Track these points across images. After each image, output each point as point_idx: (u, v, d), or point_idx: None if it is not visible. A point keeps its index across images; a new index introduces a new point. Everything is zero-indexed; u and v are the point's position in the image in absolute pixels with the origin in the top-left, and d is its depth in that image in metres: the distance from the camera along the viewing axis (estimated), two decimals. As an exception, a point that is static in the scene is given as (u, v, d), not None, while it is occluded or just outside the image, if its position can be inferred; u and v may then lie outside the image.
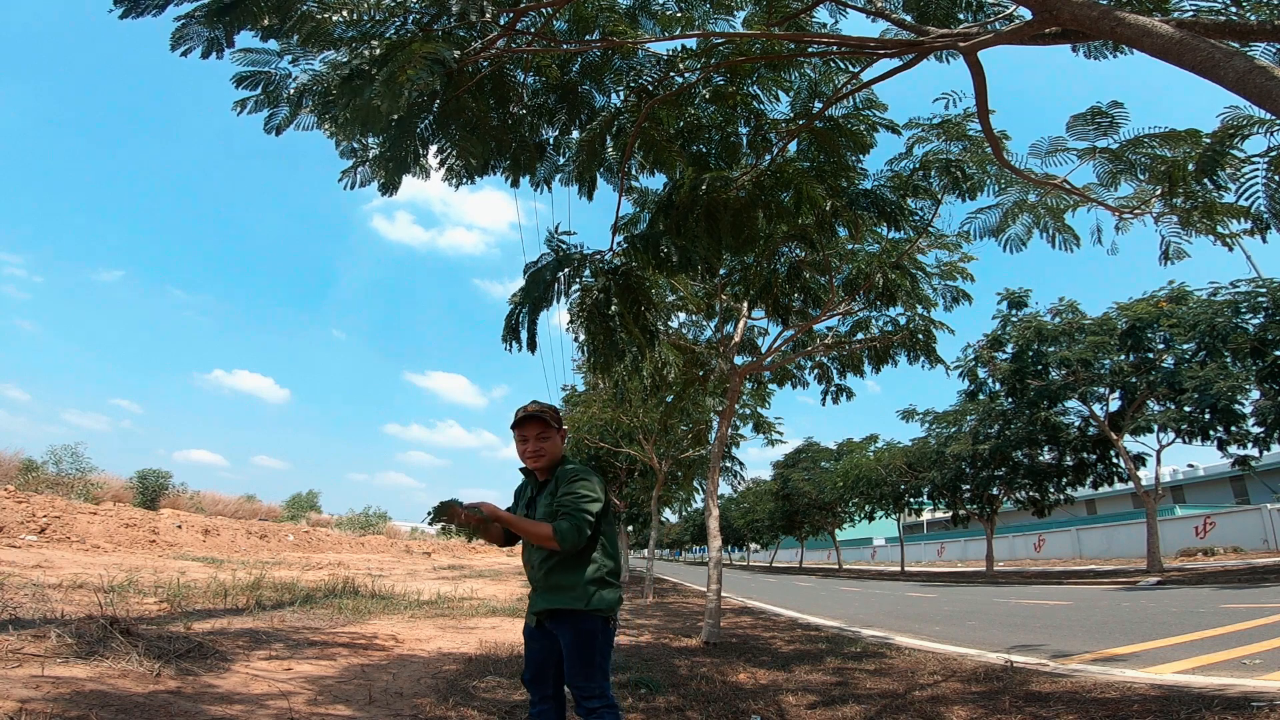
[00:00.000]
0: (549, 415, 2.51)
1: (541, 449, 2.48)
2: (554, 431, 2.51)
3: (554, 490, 2.41)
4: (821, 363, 9.40)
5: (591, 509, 2.33)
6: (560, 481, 2.42)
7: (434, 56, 2.81)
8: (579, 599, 2.29)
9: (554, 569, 2.34)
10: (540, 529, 2.25)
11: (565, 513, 2.30)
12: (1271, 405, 14.91)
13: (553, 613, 2.33)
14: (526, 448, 2.49)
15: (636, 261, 4.40)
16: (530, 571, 2.43)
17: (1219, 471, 29.93)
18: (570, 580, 2.32)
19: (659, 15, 4.23)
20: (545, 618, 2.36)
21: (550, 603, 2.32)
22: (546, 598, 2.34)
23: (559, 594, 2.32)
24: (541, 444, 2.48)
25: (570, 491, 2.35)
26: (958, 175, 5.30)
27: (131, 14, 3.11)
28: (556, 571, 2.33)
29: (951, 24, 3.98)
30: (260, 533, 26.50)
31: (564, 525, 2.25)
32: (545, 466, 2.50)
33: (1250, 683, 4.37)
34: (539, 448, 2.48)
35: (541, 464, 2.50)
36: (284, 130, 4.17)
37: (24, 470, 23.46)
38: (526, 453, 2.50)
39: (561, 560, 2.32)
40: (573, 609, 2.29)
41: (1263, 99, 2.22)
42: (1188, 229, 4.49)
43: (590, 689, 2.26)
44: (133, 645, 4.13)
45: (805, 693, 4.77)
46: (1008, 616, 10.23)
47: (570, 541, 2.24)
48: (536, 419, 2.47)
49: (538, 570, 2.38)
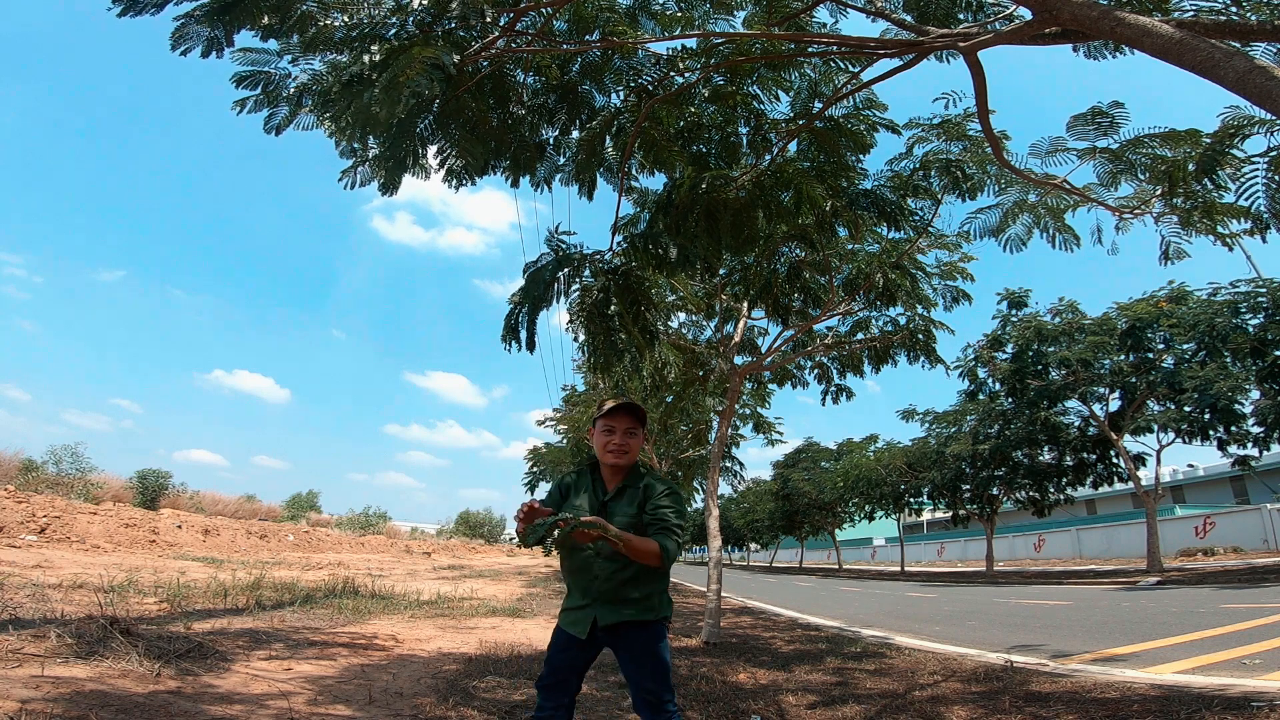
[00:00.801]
0: (641, 411, 2.32)
1: (628, 445, 2.27)
2: (642, 430, 2.33)
3: (638, 500, 2.22)
4: (821, 363, 9.40)
5: (686, 522, 2.24)
6: (649, 493, 2.23)
7: (433, 62, 2.81)
8: (650, 609, 2.20)
9: (630, 581, 2.16)
10: (648, 547, 2.07)
11: (665, 528, 2.15)
12: (1271, 405, 14.91)
13: (620, 625, 2.17)
14: (612, 440, 2.26)
15: (636, 261, 4.41)
16: (591, 582, 2.21)
17: (1219, 471, 29.94)
18: (644, 591, 2.19)
19: (659, 15, 4.24)
20: (608, 631, 2.18)
21: (621, 615, 2.16)
22: (617, 610, 2.17)
23: (631, 606, 2.17)
24: (629, 440, 2.28)
25: (667, 506, 2.20)
26: (958, 175, 5.30)
27: (130, 12, 3.11)
28: (634, 584, 2.17)
29: (951, 24, 3.98)
30: (260, 533, 26.49)
31: (671, 547, 2.12)
32: (625, 465, 2.29)
33: (1250, 683, 4.37)
34: (626, 444, 2.27)
35: (624, 462, 2.28)
36: (283, 130, 4.17)
37: (24, 470, 23.46)
38: (610, 446, 2.27)
39: (641, 572, 2.17)
40: (645, 620, 2.18)
41: (1263, 99, 2.22)
42: (1188, 229, 4.49)
43: (668, 695, 2.20)
44: (133, 645, 4.13)
45: (805, 693, 4.77)
46: (1008, 616, 10.23)
47: (670, 562, 2.13)
48: (631, 411, 2.28)
49: (606, 582, 2.18)
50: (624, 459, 2.27)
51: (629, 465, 2.29)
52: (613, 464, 2.27)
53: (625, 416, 2.28)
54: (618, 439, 2.26)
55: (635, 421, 2.29)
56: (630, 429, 2.28)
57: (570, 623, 2.24)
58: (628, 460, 2.28)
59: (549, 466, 20.70)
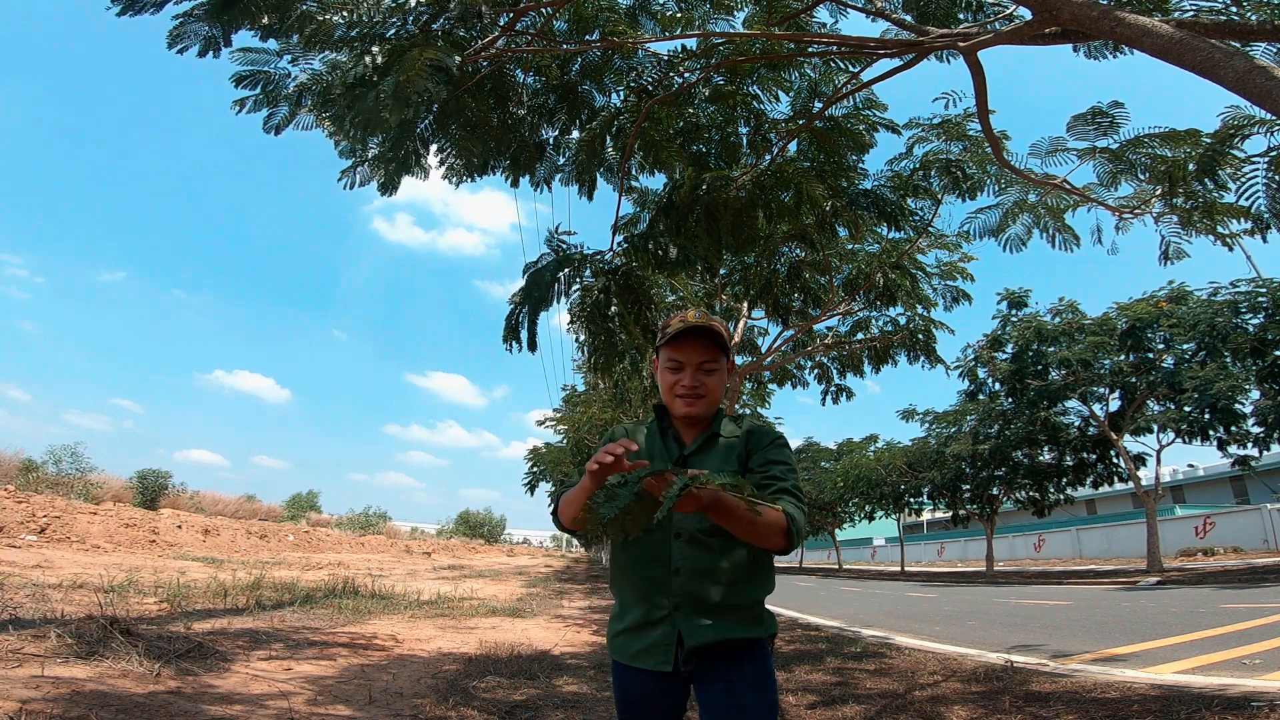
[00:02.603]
0: (721, 334, 1.58)
1: (705, 385, 1.57)
2: (724, 361, 1.61)
3: (737, 454, 1.54)
4: (821, 363, 9.40)
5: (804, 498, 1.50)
6: (754, 442, 1.56)
7: (436, 63, 2.81)
8: (758, 620, 1.48)
9: (733, 576, 1.45)
10: (770, 517, 1.30)
11: (785, 490, 1.42)
12: (1271, 405, 14.92)
13: (718, 646, 1.42)
14: (681, 379, 1.57)
15: (636, 261, 4.41)
16: (668, 579, 1.46)
17: (1219, 471, 29.93)
18: (751, 596, 1.48)
19: (659, 15, 4.24)
20: (699, 656, 1.42)
21: (724, 632, 1.42)
22: (718, 624, 1.42)
23: (735, 618, 1.44)
24: (706, 377, 1.57)
25: (782, 462, 1.50)
26: (958, 175, 5.30)
27: (129, 11, 3.11)
28: (739, 581, 1.46)
29: (951, 24, 3.98)
30: (260, 533, 26.49)
31: (799, 517, 1.36)
32: (703, 412, 1.59)
33: (1250, 683, 4.37)
34: (701, 382, 1.56)
35: (697, 411, 1.57)
36: (283, 130, 4.17)
37: (24, 470, 23.47)
38: (679, 386, 1.57)
39: (750, 562, 1.46)
40: (753, 637, 1.45)
41: (1263, 99, 2.22)
42: (1188, 229, 4.49)
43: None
44: (133, 645, 4.13)
45: (805, 692, 4.77)
46: (1008, 616, 10.23)
47: (800, 539, 1.38)
48: (704, 335, 1.56)
49: (693, 578, 1.44)
50: (698, 407, 1.57)
51: (707, 415, 1.60)
52: (683, 414, 1.58)
53: (697, 343, 1.55)
54: (689, 377, 1.56)
55: (714, 350, 1.57)
56: (707, 363, 1.57)
57: (638, 651, 1.46)
58: (704, 409, 1.58)
59: (549, 466, 20.68)
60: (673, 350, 1.58)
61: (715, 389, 1.59)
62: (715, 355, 1.57)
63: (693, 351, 1.56)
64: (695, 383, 1.56)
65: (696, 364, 1.56)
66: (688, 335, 1.56)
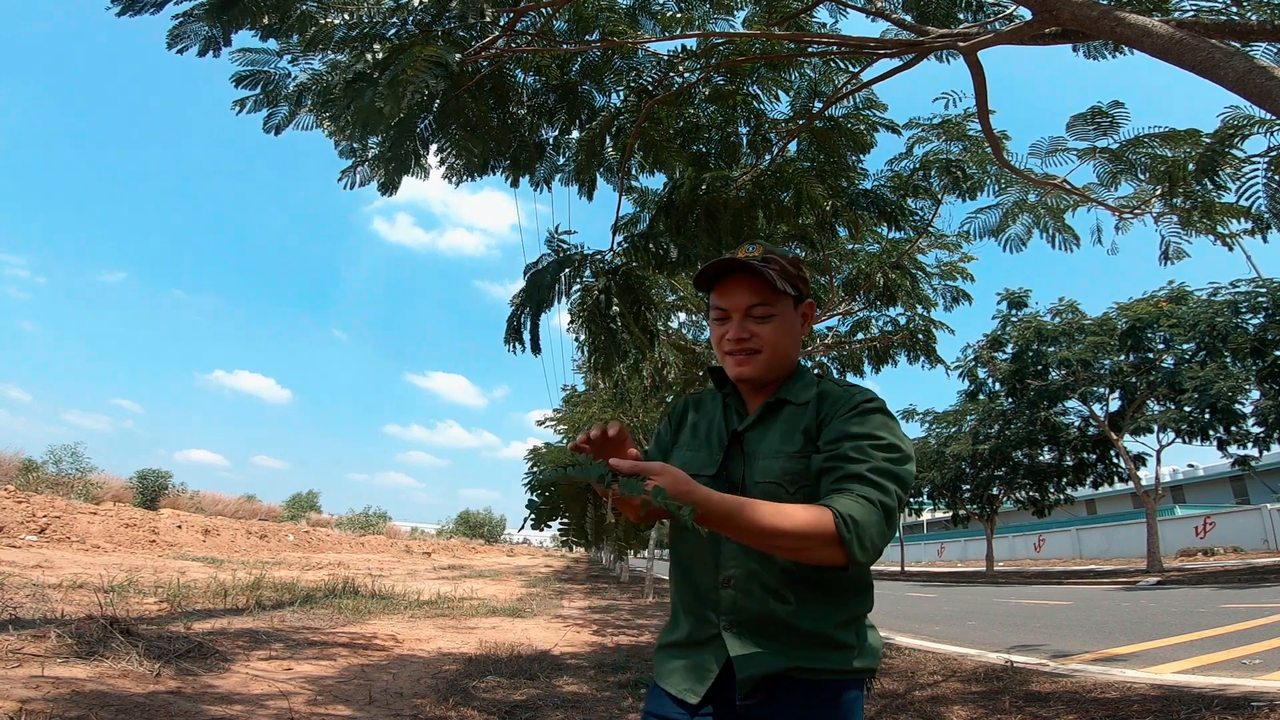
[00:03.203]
0: (780, 267, 1.20)
1: (758, 336, 1.19)
2: (786, 303, 1.21)
3: (804, 425, 1.14)
4: (821, 363, 9.40)
5: (908, 478, 1.07)
6: (828, 408, 1.14)
7: (437, 59, 2.81)
8: (843, 650, 1.09)
9: (811, 597, 1.09)
10: (791, 521, 0.95)
11: (850, 479, 1.02)
12: (1271, 405, 14.92)
13: (778, 680, 1.07)
14: (726, 331, 1.22)
15: (637, 261, 4.41)
16: (715, 587, 1.13)
17: (1219, 471, 29.93)
18: (830, 617, 1.09)
19: (659, 15, 4.23)
20: (754, 690, 1.07)
21: (788, 660, 1.07)
22: (781, 651, 1.07)
23: (805, 643, 1.08)
24: (759, 326, 1.19)
25: (862, 436, 1.07)
26: (958, 175, 5.30)
27: (129, 11, 3.10)
28: (814, 602, 1.09)
29: (951, 24, 3.98)
30: (260, 533, 26.48)
31: (862, 516, 0.97)
32: (761, 373, 1.20)
33: (1250, 683, 4.37)
34: (752, 333, 1.19)
35: (753, 369, 1.20)
36: (283, 130, 4.17)
37: (24, 470, 23.47)
38: (725, 341, 1.22)
39: (833, 578, 1.09)
40: (833, 670, 1.08)
41: (1263, 99, 2.22)
42: (1188, 229, 4.49)
43: None
44: (133, 645, 4.13)
45: (805, 693, 4.77)
46: (1008, 616, 10.23)
47: (874, 551, 0.98)
48: (750, 273, 1.18)
49: (755, 595, 1.10)
50: (751, 366, 1.19)
51: (771, 376, 1.21)
52: (735, 376, 1.23)
53: (744, 284, 1.19)
54: (734, 328, 1.20)
55: (766, 290, 1.18)
56: (757, 307, 1.18)
57: (670, 670, 1.15)
58: (762, 368, 1.19)
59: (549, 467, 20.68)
60: (715, 296, 1.23)
61: (776, 341, 1.18)
62: (769, 297, 1.17)
63: (738, 294, 1.19)
64: (743, 334, 1.18)
65: (744, 309, 1.18)
66: (726, 274, 1.19)
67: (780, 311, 1.21)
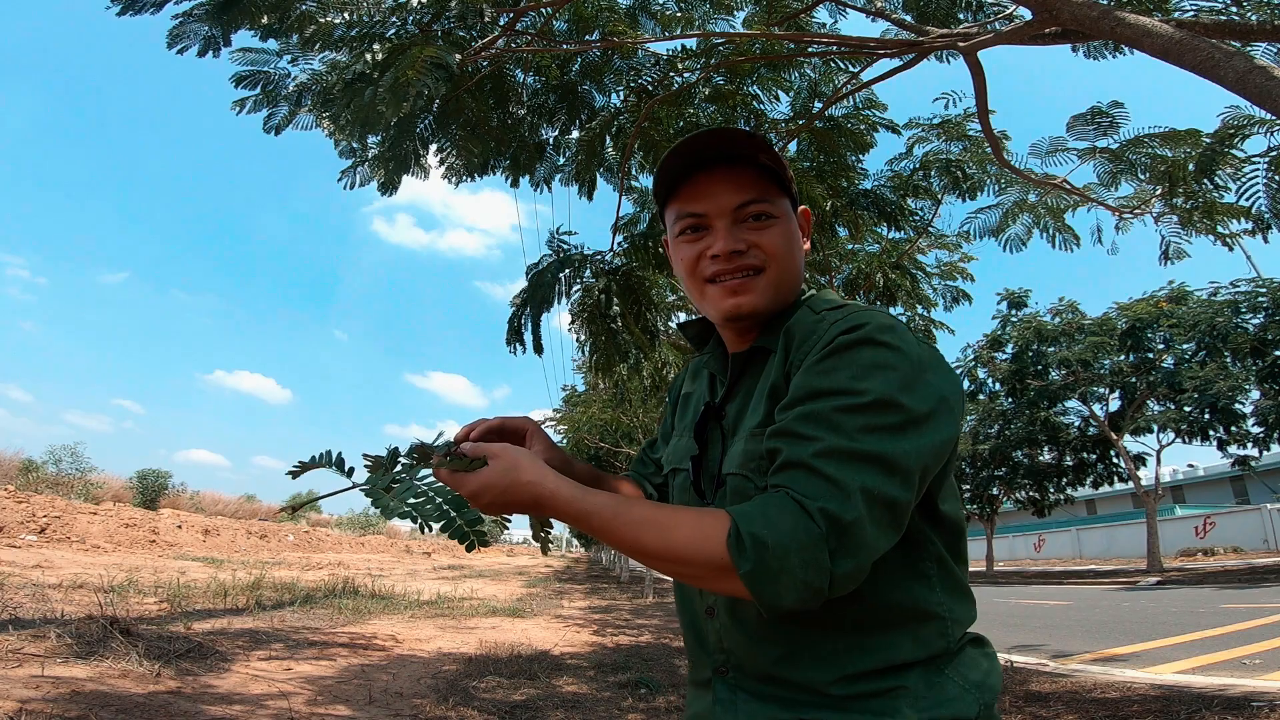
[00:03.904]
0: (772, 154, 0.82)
1: (758, 246, 0.82)
2: (786, 204, 0.84)
3: (774, 385, 0.78)
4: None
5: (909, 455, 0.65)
6: (796, 356, 0.76)
7: (436, 61, 2.81)
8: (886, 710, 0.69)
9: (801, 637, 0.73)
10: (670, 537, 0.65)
11: (794, 468, 0.65)
12: (1272, 405, 14.93)
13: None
14: (707, 246, 0.83)
15: (637, 261, 4.41)
16: (705, 626, 0.83)
17: (1219, 471, 29.94)
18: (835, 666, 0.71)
19: (659, 15, 4.24)
20: None
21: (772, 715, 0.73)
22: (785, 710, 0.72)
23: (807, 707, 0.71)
24: (759, 234, 0.81)
25: (827, 393, 0.68)
26: (958, 175, 5.30)
27: (129, 11, 3.11)
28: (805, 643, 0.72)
29: (951, 24, 3.98)
30: (260, 533, 26.48)
31: (789, 529, 0.61)
32: (768, 302, 0.83)
33: (1250, 683, 4.37)
34: (750, 244, 0.81)
35: (755, 297, 0.82)
36: (283, 130, 4.17)
37: (24, 470, 23.47)
38: (706, 261, 0.83)
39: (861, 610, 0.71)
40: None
41: (1263, 99, 2.22)
42: (1188, 229, 4.49)
43: None
44: (133, 645, 4.13)
45: (805, 693, 4.77)
46: (1008, 616, 10.23)
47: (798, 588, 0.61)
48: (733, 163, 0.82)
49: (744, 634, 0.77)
50: (753, 294, 0.82)
51: (775, 303, 0.84)
52: (729, 312, 0.83)
53: (726, 179, 0.81)
54: (721, 239, 0.81)
55: (761, 185, 0.82)
56: (753, 204, 0.81)
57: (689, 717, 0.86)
58: (765, 294, 0.82)
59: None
60: (681, 201, 0.83)
61: (784, 253, 0.81)
62: (767, 191, 0.81)
63: (720, 192, 0.80)
64: (738, 244, 0.79)
65: (730, 212, 0.80)
66: (697, 169, 0.81)
67: (782, 214, 0.82)
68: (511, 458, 0.71)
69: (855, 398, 0.66)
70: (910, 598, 0.73)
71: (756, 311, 0.83)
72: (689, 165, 0.82)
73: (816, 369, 0.71)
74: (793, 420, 0.69)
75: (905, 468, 0.65)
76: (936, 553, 0.75)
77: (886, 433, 0.65)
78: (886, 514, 0.64)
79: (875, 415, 0.66)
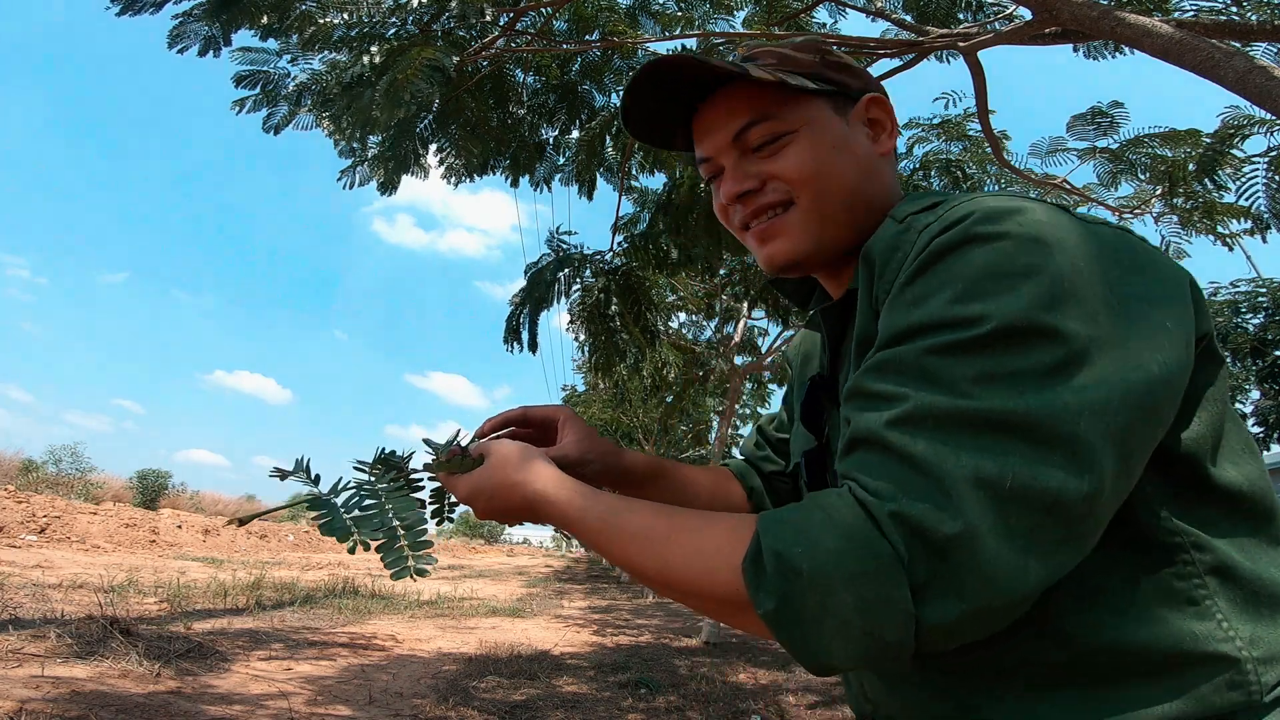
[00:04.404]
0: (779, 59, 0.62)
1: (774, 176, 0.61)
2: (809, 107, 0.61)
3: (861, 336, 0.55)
4: (821, 363, 9.42)
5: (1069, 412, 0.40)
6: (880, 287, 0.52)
7: (433, 63, 2.81)
8: None
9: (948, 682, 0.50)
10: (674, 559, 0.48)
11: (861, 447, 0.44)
12: (1272, 405, 14.93)
13: None
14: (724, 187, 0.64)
15: (637, 261, 4.41)
16: None
17: (1219, 471, 29.95)
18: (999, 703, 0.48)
19: (659, 15, 4.24)
20: None
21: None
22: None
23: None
24: (771, 161, 0.61)
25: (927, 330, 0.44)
26: (958, 175, 5.30)
27: (129, 11, 3.11)
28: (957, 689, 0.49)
29: (951, 24, 3.98)
30: (260, 533, 26.49)
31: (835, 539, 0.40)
32: (811, 244, 0.62)
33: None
34: (764, 176, 0.62)
35: (789, 242, 0.63)
36: (282, 129, 4.18)
37: (24, 470, 23.49)
38: (738, 222, 0.66)
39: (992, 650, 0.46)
40: None
41: (1263, 99, 2.22)
42: (1188, 229, 4.49)
43: None
44: (132, 645, 4.13)
45: (806, 692, 4.78)
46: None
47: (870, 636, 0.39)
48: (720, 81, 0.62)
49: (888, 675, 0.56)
50: (785, 238, 0.63)
51: (823, 242, 0.62)
52: (766, 264, 0.66)
53: (718, 104, 0.63)
54: (729, 179, 0.64)
55: (759, 100, 0.61)
56: (755, 127, 0.61)
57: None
58: (805, 236, 0.62)
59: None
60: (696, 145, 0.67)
61: (816, 171, 0.61)
62: (769, 106, 0.61)
63: (713, 124, 0.64)
64: (747, 183, 0.63)
65: (729, 142, 0.63)
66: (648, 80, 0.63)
67: (801, 122, 0.60)
68: (503, 454, 0.62)
69: (962, 330, 0.42)
70: (1165, 634, 0.45)
71: (798, 257, 0.62)
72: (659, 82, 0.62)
73: (904, 297, 0.47)
74: (866, 374, 0.47)
75: (1071, 435, 0.39)
76: (1215, 559, 0.46)
77: (1027, 379, 0.40)
78: (1038, 520, 0.39)
79: (1003, 353, 0.41)
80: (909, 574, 0.39)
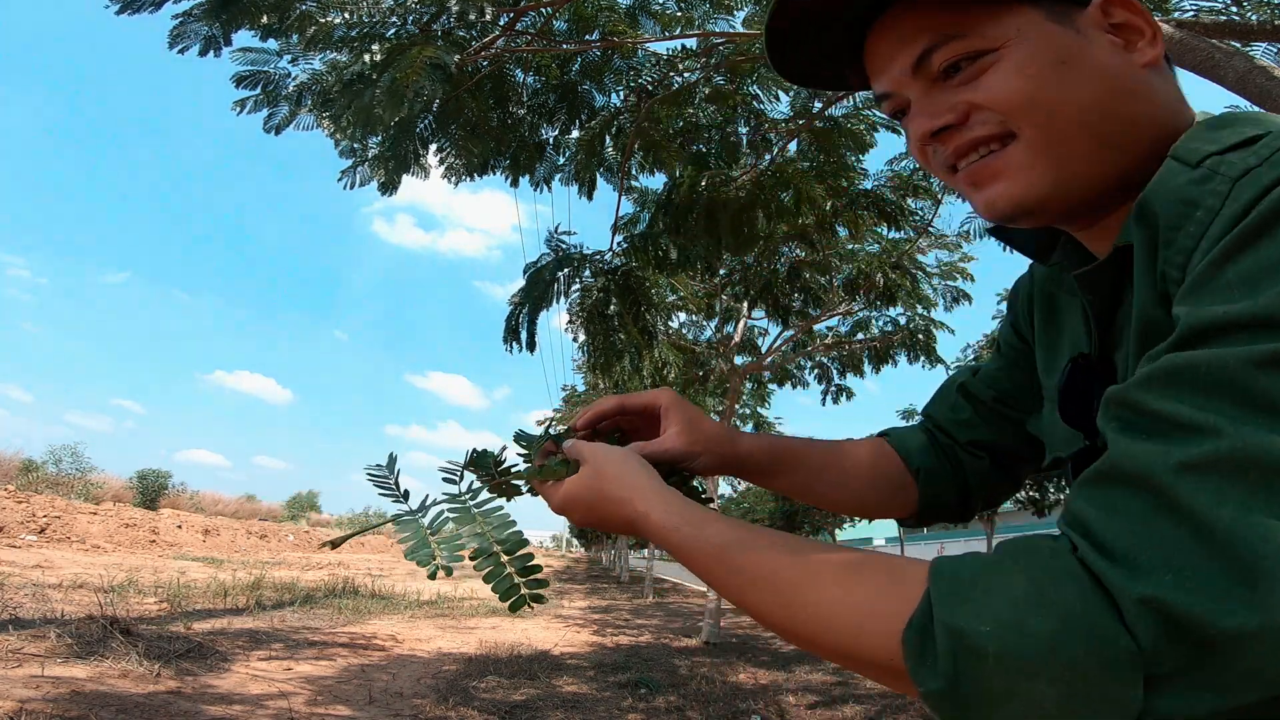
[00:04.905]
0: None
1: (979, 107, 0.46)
2: (1017, 16, 0.45)
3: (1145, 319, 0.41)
4: (821, 363, 9.41)
5: None
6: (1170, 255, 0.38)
7: (434, 61, 2.81)
8: None
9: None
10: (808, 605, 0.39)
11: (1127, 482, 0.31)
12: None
13: None
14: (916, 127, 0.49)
15: (636, 261, 4.41)
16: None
17: (1219, 471, 29.91)
18: None
19: (659, 15, 4.24)
20: None
21: None
22: None
23: None
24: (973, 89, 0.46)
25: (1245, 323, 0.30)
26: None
27: (129, 10, 3.11)
28: None
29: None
30: (260, 533, 26.49)
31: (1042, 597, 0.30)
32: (1046, 187, 0.45)
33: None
34: (968, 107, 0.46)
35: (1012, 186, 0.46)
36: (283, 129, 4.18)
37: (24, 470, 23.50)
38: (941, 163, 0.50)
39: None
40: None
41: (1263, 99, 2.22)
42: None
43: None
44: (132, 645, 4.13)
45: (805, 692, 4.78)
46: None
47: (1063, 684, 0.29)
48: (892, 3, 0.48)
49: None
50: (1006, 181, 0.47)
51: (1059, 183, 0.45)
52: (985, 213, 0.49)
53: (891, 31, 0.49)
54: (923, 116, 0.49)
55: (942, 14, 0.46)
56: (943, 46, 0.46)
57: None
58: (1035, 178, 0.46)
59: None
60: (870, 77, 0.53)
61: (1029, 96, 0.44)
62: (957, 18, 0.46)
63: (886, 50, 0.50)
64: (946, 116, 0.48)
65: (911, 67, 0.48)
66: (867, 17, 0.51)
67: (1003, 38, 0.46)
68: (596, 465, 0.55)
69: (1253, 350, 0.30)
70: None
71: (1030, 203, 0.47)
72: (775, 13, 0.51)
73: (1222, 277, 0.33)
74: (1147, 383, 0.34)
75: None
76: None
77: None
78: None
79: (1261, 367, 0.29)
80: (1148, 667, 0.28)
